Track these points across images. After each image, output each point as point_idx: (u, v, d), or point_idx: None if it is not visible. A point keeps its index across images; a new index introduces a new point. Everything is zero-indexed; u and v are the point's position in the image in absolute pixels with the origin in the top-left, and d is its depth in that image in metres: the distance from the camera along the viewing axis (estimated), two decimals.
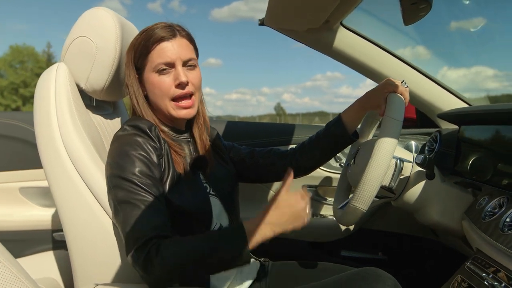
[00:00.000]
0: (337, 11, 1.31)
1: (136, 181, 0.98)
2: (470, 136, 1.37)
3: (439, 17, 1.69)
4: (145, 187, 0.98)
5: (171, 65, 1.07)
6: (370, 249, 1.80)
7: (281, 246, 0.94)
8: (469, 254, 1.34)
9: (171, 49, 1.06)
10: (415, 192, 1.21)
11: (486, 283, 0.92)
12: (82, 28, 1.16)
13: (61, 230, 1.68)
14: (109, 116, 1.34)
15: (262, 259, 1.32)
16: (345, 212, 1.12)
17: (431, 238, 1.67)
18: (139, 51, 1.08)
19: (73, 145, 1.08)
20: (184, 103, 1.09)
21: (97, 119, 1.27)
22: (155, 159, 1.03)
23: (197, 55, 1.16)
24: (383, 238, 1.77)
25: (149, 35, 1.07)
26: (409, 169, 1.22)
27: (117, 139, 1.06)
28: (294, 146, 1.78)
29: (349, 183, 1.41)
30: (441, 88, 1.56)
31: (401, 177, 1.21)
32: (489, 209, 1.07)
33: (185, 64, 1.09)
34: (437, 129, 1.63)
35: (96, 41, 1.14)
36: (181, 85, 1.07)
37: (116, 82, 1.20)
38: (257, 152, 1.35)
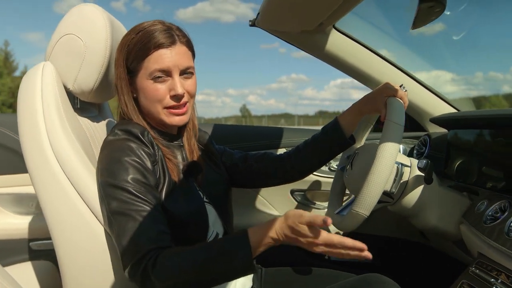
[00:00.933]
0: (333, 14, 1.30)
1: (130, 189, 0.93)
2: (459, 140, 1.39)
3: (402, 23, 1.72)
4: (139, 195, 0.93)
5: (168, 73, 1.00)
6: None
7: (269, 251, 0.92)
8: (462, 258, 1.35)
9: (170, 57, 0.99)
10: (413, 196, 1.21)
11: None
12: (69, 26, 1.09)
13: (39, 239, 1.60)
14: (95, 119, 1.28)
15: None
16: (346, 217, 1.10)
17: (421, 242, 1.68)
18: (134, 53, 1.00)
19: (63, 151, 1.01)
20: (178, 110, 1.04)
21: (85, 122, 1.20)
22: (149, 165, 0.98)
23: (194, 59, 1.11)
24: (372, 242, 1.76)
25: (147, 38, 0.99)
26: (408, 174, 1.21)
27: (108, 144, 1.00)
28: (282, 150, 1.77)
29: (343, 188, 1.40)
30: (431, 94, 1.58)
31: (400, 182, 1.20)
32: (490, 214, 1.08)
33: (182, 73, 1.03)
34: (425, 133, 1.65)
35: (85, 39, 1.07)
36: (176, 97, 1.02)
37: (105, 83, 1.14)
38: (251, 156, 1.31)
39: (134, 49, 1.00)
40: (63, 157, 1.01)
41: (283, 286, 1.26)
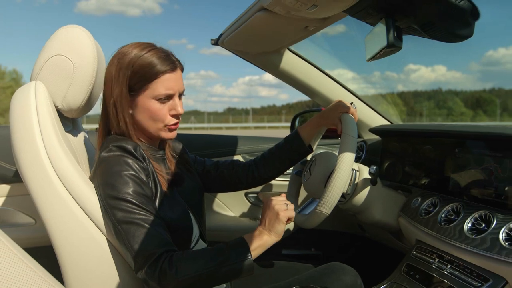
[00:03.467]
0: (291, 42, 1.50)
1: (133, 200, 1.02)
2: (390, 146, 1.66)
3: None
4: (142, 206, 1.03)
5: (171, 96, 1.12)
6: (305, 246, 2.03)
7: None
8: (395, 245, 1.63)
9: (174, 82, 1.11)
10: (362, 196, 1.44)
11: (434, 266, 1.17)
12: (58, 46, 1.15)
13: None
14: (71, 132, 1.33)
15: None
16: (310, 216, 1.29)
17: (358, 233, 1.96)
18: (140, 74, 1.09)
19: (64, 168, 1.08)
20: (175, 126, 1.17)
21: (69, 137, 1.26)
22: (144, 178, 1.08)
23: None
24: (316, 236, 2.00)
25: (153, 62, 1.09)
26: (357, 177, 1.45)
27: (104, 160, 1.07)
28: (238, 156, 1.94)
29: (298, 190, 1.60)
30: (368, 107, 1.85)
31: (352, 184, 1.43)
32: (424, 208, 1.35)
33: (180, 95, 1.16)
34: (361, 139, 1.92)
35: (75, 60, 1.14)
36: (176, 116, 1.15)
37: (90, 100, 1.22)
38: (221, 164, 1.46)
39: (140, 71, 1.09)
40: (65, 175, 1.08)
41: (250, 279, 1.43)
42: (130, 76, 1.09)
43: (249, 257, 1.03)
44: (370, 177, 1.40)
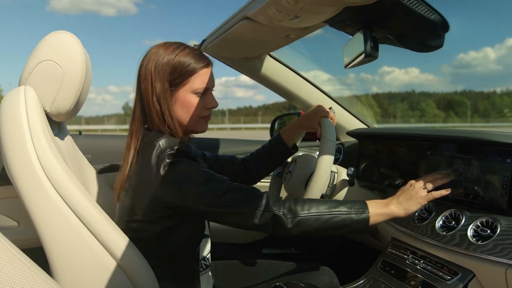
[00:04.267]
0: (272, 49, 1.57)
1: (219, 176, 1.10)
2: (367, 148, 1.74)
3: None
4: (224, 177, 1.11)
5: (207, 90, 1.20)
6: (285, 245, 2.09)
7: (217, 247, 1.13)
8: (371, 243, 1.71)
9: (211, 76, 1.20)
10: (340, 197, 1.49)
11: (408, 262, 1.25)
12: (47, 52, 1.18)
13: None
14: (58, 135, 1.35)
15: None
16: None
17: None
18: (180, 70, 1.14)
19: (54, 170, 1.09)
20: (208, 118, 1.25)
21: (57, 140, 1.28)
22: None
23: None
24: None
25: (190, 59, 1.15)
26: (335, 179, 1.51)
27: (172, 167, 1.08)
28: None
29: (279, 191, 1.66)
30: (346, 111, 1.93)
31: (331, 185, 1.50)
32: None
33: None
34: (339, 142, 1.99)
35: (64, 65, 1.17)
36: (211, 108, 1.23)
37: (78, 104, 1.24)
38: (221, 158, 1.53)
39: (180, 67, 1.14)
40: (58, 180, 1.09)
41: (234, 277, 1.48)
42: (171, 72, 1.14)
43: (367, 212, 1.12)
44: (347, 178, 1.46)
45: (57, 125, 1.42)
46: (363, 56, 1.11)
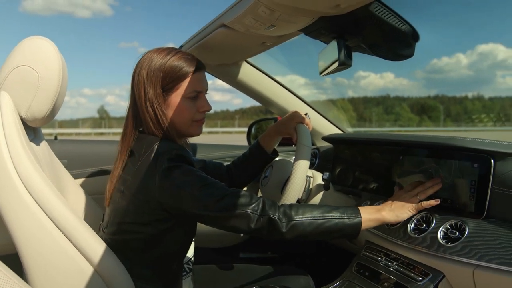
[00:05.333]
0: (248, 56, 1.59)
1: (216, 181, 1.11)
2: (341, 153, 1.78)
3: None
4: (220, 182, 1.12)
5: (199, 93, 1.21)
6: (262, 249, 2.11)
7: (199, 252, 1.14)
8: (346, 246, 1.74)
9: (203, 80, 1.22)
10: (315, 201, 1.52)
11: (381, 264, 1.28)
12: (22, 58, 1.16)
13: None
14: (34, 141, 1.34)
15: None
16: None
17: None
18: (171, 75, 1.16)
19: (33, 180, 1.08)
20: (202, 121, 1.25)
21: (32, 145, 1.27)
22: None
23: None
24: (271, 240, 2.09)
25: (182, 63, 1.16)
26: (311, 183, 1.54)
27: (170, 169, 1.09)
28: None
29: (255, 194, 1.68)
30: (321, 116, 1.96)
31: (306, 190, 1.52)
32: None
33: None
34: (314, 146, 2.03)
35: (40, 71, 1.16)
36: (204, 112, 1.24)
37: (54, 109, 1.24)
38: (208, 163, 1.55)
39: (171, 72, 1.16)
40: (30, 181, 1.07)
41: (212, 282, 1.49)
42: (163, 77, 1.15)
43: (359, 217, 1.14)
44: (323, 182, 1.49)
45: (32, 130, 1.41)
46: (337, 64, 1.14)
